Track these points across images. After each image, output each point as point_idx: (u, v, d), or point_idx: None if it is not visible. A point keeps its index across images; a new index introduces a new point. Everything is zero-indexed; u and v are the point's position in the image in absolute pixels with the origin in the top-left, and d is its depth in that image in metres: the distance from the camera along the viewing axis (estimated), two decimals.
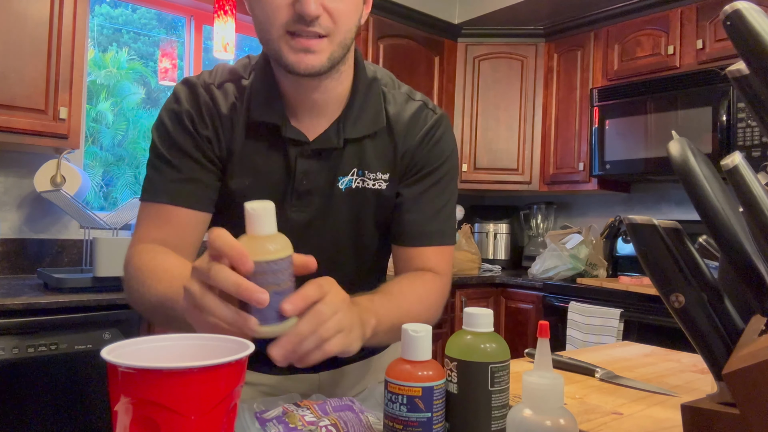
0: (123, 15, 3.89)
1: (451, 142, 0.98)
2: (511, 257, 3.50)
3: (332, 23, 0.78)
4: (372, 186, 0.91)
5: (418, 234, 0.94)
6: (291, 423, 0.62)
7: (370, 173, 0.91)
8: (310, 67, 0.79)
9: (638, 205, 3.19)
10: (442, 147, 0.95)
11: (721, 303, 0.44)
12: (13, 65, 1.98)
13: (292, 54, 0.78)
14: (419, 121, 0.94)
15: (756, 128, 2.33)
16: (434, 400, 0.56)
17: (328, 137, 0.88)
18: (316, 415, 0.64)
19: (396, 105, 0.94)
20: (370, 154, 0.91)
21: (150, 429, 0.43)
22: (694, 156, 0.42)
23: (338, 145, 0.88)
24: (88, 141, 2.96)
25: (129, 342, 0.50)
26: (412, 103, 0.96)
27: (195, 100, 0.88)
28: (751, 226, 0.42)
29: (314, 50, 0.78)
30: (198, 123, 0.87)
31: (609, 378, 0.91)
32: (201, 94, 0.88)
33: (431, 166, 0.94)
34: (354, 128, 0.89)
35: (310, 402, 0.69)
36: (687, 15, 2.71)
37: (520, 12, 3.18)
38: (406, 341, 0.57)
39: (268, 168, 0.89)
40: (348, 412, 0.65)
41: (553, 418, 0.49)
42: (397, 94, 0.95)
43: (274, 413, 0.64)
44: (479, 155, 3.37)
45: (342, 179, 0.90)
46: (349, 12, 0.80)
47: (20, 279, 2.22)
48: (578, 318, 2.55)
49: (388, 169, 0.92)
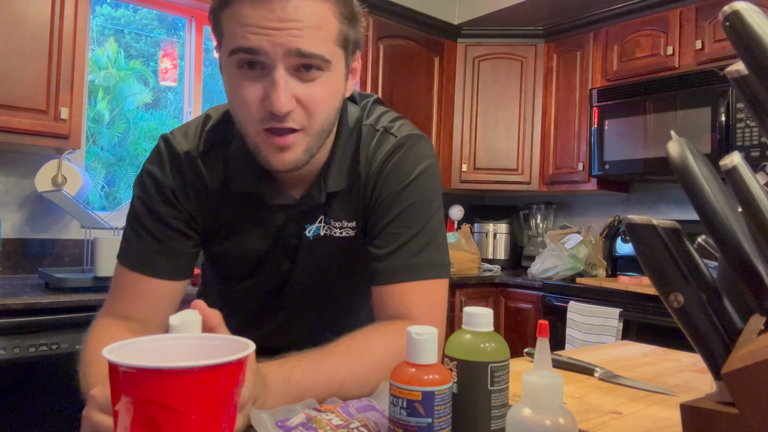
0: (124, 16, 3.89)
1: (414, 164, 0.87)
2: (511, 257, 3.50)
3: (306, 115, 0.76)
4: (339, 234, 0.90)
5: (382, 270, 0.85)
6: (320, 428, 0.60)
7: (335, 221, 0.90)
8: (286, 163, 0.77)
9: (637, 205, 3.19)
10: (399, 174, 0.87)
11: (720, 303, 0.44)
12: (14, 65, 1.98)
13: (269, 154, 0.77)
14: (377, 151, 0.89)
15: (755, 128, 2.33)
16: (436, 406, 0.54)
17: (311, 196, 0.88)
18: (342, 418, 0.62)
19: (366, 147, 0.90)
20: (335, 204, 0.89)
21: (150, 428, 0.43)
22: (693, 156, 0.42)
23: (321, 201, 0.88)
24: (89, 141, 2.96)
25: (129, 342, 0.50)
26: (377, 135, 0.90)
27: (179, 172, 0.86)
28: (750, 226, 0.42)
29: (288, 146, 0.76)
30: (181, 197, 0.86)
31: (608, 377, 0.91)
32: (185, 169, 0.86)
33: (389, 194, 0.86)
34: (335, 182, 0.88)
35: (332, 405, 0.67)
36: (686, 15, 2.71)
37: (519, 12, 3.18)
38: (409, 344, 0.56)
39: (253, 231, 0.90)
40: (372, 412, 0.63)
41: (552, 418, 0.49)
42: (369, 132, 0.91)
43: (298, 420, 0.62)
44: (479, 155, 3.37)
45: (309, 227, 0.90)
46: (325, 100, 0.77)
47: (21, 279, 2.22)
48: (577, 318, 2.55)
49: (353, 217, 0.90)
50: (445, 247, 0.89)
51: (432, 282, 0.85)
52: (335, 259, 0.93)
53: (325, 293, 0.98)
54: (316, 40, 0.73)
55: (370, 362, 0.75)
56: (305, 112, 0.76)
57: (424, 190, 0.87)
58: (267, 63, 0.72)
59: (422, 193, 0.87)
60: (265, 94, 0.73)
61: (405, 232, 0.85)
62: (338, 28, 0.76)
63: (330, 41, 0.75)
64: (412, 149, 0.88)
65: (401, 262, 0.84)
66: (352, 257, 0.92)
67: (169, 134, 0.89)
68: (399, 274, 0.84)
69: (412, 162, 0.88)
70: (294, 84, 0.73)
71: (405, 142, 0.89)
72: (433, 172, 0.89)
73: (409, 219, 0.86)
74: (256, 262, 0.94)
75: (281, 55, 0.71)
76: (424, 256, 0.85)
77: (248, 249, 0.92)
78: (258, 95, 0.73)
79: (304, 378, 0.70)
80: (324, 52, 0.74)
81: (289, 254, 0.92)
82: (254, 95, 0.74)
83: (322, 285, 0.96)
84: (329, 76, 0.76)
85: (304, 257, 0.92)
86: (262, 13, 0.70)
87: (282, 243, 0.91)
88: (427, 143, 0.92)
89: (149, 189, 0.86)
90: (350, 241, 0.91)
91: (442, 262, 0.87)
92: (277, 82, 0.72)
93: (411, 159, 0.88)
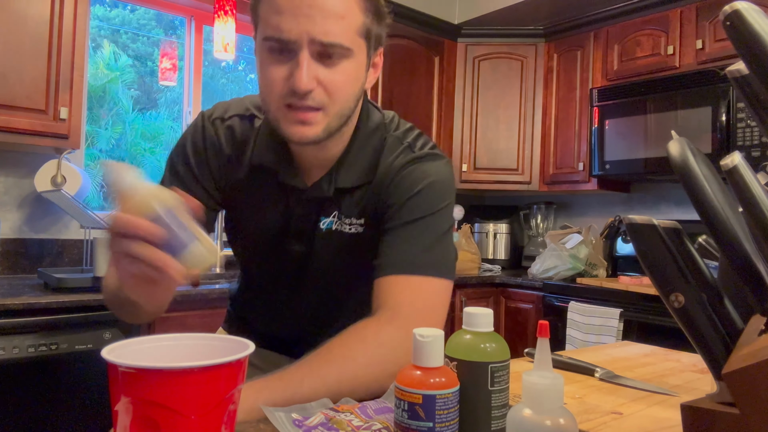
0: (120, 15, 3.89)
1: (426, 176, 0.91)
2: (511, 257, 3.50)
3: (327, 96, 0.81)
4: (348, 230, 0.94)
5: (381, 265, 0.87)
6: (341, 429, 0.59)
7: (346, 218, 0.94)
8: (305, 137, 0.83)
9: (638, 205, 3.19)
10: (409, 182, 0.90)
11: (720, 303, 0.44)
12: (14, 65, 1.98)
13: (289, 125, 0.82)
14: (396, 161, 0.92)
15: (755, 128, 2.33)
16: (437, 410, 0.53)
17: (320, 187, 0.92)
18: (362, 419, 0.61)
19: (389, 155, 0.93)
20: (348, 200, 0.93)
21: (150, 429, 0.43)
22: (694, 156, 0.42)
23: (329, 194, 0.92)
24: (87, 142, 2.96)
25: (129, 342, 0.50)
26: (400, 147, 0.94)
27: (204, 135, 0.95)
28: (751, 226, 0.42)
29: (309, 122, 0.81)
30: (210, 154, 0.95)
31: (609, 378, 0.91)
32: (208, 133, 0.95)
33: (398, 201, 0.89)
34: (346, 179, 0.92)
35: (349, 406, 0.66)
36: (687, 15, 2.71)
37: (519, 12, 3.18)
38: (414, 347, 0.56)
39: (266, 205, 0.95)
40: (390, 414, 0.62)
41: (552, 418, 0.49)
42: (394, 143, 0.94)
43: (317, 420, 0.61)
44: (479, 155, 3.37)
45: (324, 219, 0.94)
46: (345, 84, 0.82)
47: (21, 279, 2.22)
48: (578, 318, 2.55)
49: (362, 215, 0.93)
50: (451, 251, 0.91)
51: (433, 279, 0.85)
52: (345, 254, 0.96)
53: (339, 286, 1.00)
54: (339, 29, 0.79)
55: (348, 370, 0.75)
56: (326, 93, 0.81)
57: (434, 197, 0.90)
58: (293, 48, 0.79)
59: (432, 199, 0.90)
60: (290, 73, 0.79)
61: (411, 233, 0.88)
62: (362, 20, 0.82)
63: (352, 31, 0.81)
64: (427, 163, 0.92)
65: (403, 257, 0.86)
66: (359, 253, 0.94)
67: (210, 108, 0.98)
68: (399, 266, 0.85)
69: (426, 172, 0.91)
70: (316, 67, 0.79)
71: (423, 156, 0.93)
72: (442, 184, 0.92)
73: (416, 223, 0.88)
74: (273, 243, 0.97)
75: (306, 41, 0.78)
76: (427, 255, 0.86)
77: (263, 226, 0.96)
78: (283, 75, 0.80)
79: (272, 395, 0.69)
80: (345, 41, 0.80)
81: (305, 241, 0.95)
82: (280, 74, 0.80)
83: (336, 277, 0.99)
84: (350, 62, 0.82)
85: (319, 247, 0.95)
86: (293, 1, 0.77)
87: (295, 227, 0.95)
88: (443, 162, 0.95)
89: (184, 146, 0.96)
90: (358, 237, 0.94)
91: (445, 262, 0.88)
92: (301, 63, 0.78)
93: (425, 169, 0.91)
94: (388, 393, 0.70)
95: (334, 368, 0.74)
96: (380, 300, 0.84)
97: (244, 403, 0.63)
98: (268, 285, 1.04)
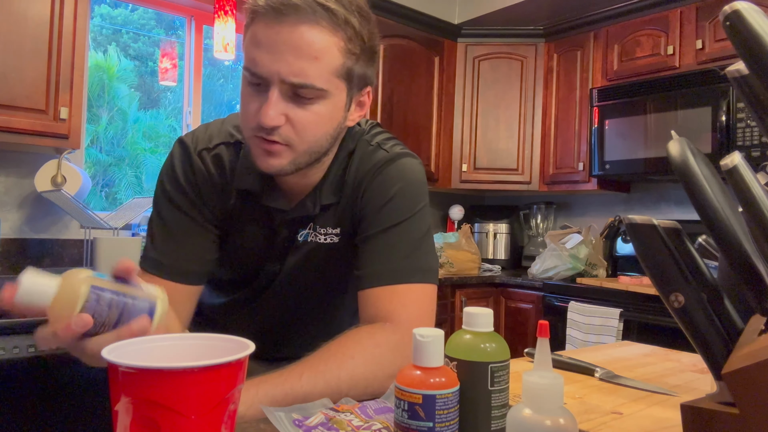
0: (121, 15, 3.88)
1: (399, 177, 0.91)
2: (511, 257, 3.50)
3: (294, 134, 0.81)
4: (324, 240, 0.95)
5: (365, 276, 0.87)
6: (341, 429, 0.59)
7: (321, 228, 0.94)
8: (271, 167, 0.83)
9: (638, 205, 3.19)
10: (382, 188, 0.90)
11: (720, 303, 0.44)
12: (14, 65, 1.98)
13: (257, 155, 0.83)
14: (366, 163, 0.93)
15: (755, 128, 2.33)
16: (437, 410, 0.53)
17: (305, 206, 0.93)
18: (362, 419, 0.61)
19: (357, 158, 0.94)
20: (324, 212, 0.94)
21: (150, 429, 0.43)
22: (694, 156, 0.42)
23: (315, 212, 0.93)
24: (87, 143, 2.96)
25: (130, 342, 0.50)
26: (369, 149, 0.94)
27: (191, 167, 0.92)
28: (751, 226, 0.42)
29: (275, 154, 0.81)
30: (202, 188, 0.92)
31: (609, 378, 0.91)
32: (195, 164, 0.92)
33: (374, 205, 0.90)
34: (329, 195, 0.93)
35: (349, 406, 0.66)
36: (686, 15, 2.71)
37: (519, 12, 3.18)
38: (414, 346, 0.56)
39: (252, 228, 0.95)
40: (390, 414, 0.62)
41: (552, 418, 0.49)
42: (363, 146, 0.95)
43: (317, 419, 0.61)
44: (479, 155, 3.37)
45: (301, 231, 0.95)
46: (315, 124, 0.81)
47: None
48: (578, 318, 2.55)
49: (337, 224, 0.94)
50: (432, 254, 0.91)
51: (418, 286, 0.86)
52: (320, 264, 0.96)
53: (309, 298, 1.01)
54: (313, 70, 0.77)
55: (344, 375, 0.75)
56: (294, 131, 0.80)
57: (408, 201, 0.91)
58: (266, 83, 0.79)
59: (406, 203, 0.90)
60: (260, 106, 0.79)
61: (390, 240, 0.88)
62: (341, 62, 0.80)
63: (328, 72, 0.79)
64: (397, 164, 0.92)
65: (385, 267, 0.86)
66: (335, 263, 0.96)
67: (186, 135, 0.95)
68: (383, 277, 0.86)
69: (397, 175, 0.91)
70: (286, 105, 0.79)
71: (393, 158, 0.93)
72: (415, 186, 0.92)
73: (394, 230, 0.89)
74: (255, 262, 0.98)
75: (276, 80, 0.78)
76: (409, 262, 0.87)
77: (248, 248, 0.96)
78: (256, 107, 0.80)
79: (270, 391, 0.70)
80: (317, 83, 0.78)
81: (280, 258, 0.97)
82: (253, 106, 0.80)
83: (306, 289, 1.00)
84: (325, 103, 0.81)
85: (290, 260, 0.96)
86: (270, 34, 0.77)
87: (279, 246, 0.96)
88: (414, 160, 0.95)
89: (166, 186, 0.92)
90: (334, 247, 0.95)
91: (428, 267, 0.89)
92: (269, 99, 0.78)
93: (396, 172, 0.92)
94: (388, 393, 0.70)
95: (333, 365, 0.75)
96: (369, 312, 0.85)
97: (243, 396, 0.63)
98: (241, 297, 1.03)
